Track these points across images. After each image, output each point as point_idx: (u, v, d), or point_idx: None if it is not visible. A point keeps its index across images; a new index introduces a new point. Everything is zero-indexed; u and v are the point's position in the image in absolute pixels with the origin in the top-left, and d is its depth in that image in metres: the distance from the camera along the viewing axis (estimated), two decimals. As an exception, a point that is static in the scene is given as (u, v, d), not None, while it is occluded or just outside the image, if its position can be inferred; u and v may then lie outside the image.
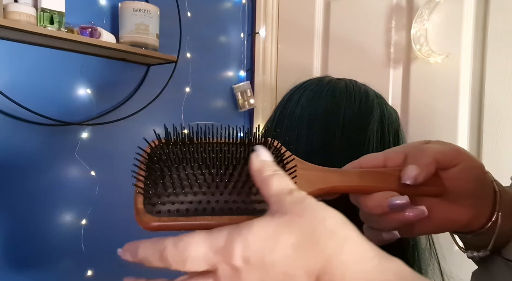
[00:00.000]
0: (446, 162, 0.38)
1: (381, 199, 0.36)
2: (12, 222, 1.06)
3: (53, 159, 1.13)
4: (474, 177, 0.38)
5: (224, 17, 1.60)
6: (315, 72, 1.48)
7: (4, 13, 0.95)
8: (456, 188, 0.38)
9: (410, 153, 0.39)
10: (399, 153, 0.39)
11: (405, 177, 0.36)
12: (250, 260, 0.26)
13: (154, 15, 1.22)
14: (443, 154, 0.38)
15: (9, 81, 1.04)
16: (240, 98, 1.61)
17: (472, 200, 0.38)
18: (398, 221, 0.36)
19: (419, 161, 0.37)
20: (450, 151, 0.38)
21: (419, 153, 0.38)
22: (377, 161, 0.39)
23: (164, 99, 1.37)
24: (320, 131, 0.50)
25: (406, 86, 1.27)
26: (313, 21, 1.50)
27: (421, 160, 0.37)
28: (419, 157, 0.38)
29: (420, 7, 1.20)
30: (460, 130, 1.16)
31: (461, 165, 0.38)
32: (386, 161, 0.39)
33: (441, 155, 0.38)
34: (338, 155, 0.48)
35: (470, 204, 0.38)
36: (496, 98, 1.10)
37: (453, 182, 0.38)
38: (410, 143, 0.42)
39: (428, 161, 0.37)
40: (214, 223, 0.30)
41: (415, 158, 0.38)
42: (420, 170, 0.36)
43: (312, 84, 0.55)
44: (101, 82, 1.22)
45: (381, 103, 0.53)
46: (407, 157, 0.39)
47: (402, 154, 0.39)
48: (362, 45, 1.36)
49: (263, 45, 1.64)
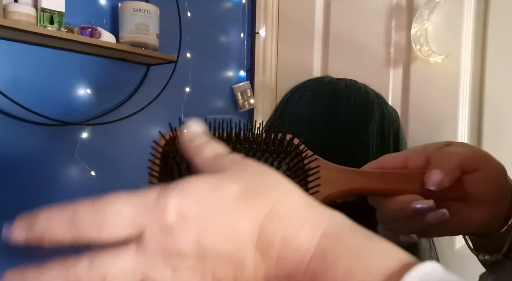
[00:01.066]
0: (469, 166, 0.37)
1: (404, 202, 0.35)
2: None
3: (53, 159, 1.13)
4: (495, 181, 0.38)
5: (224, 17, 1.60)
6: (315, 72, 1.48)
7: (4, 13, 0.95)
8: (477, 192, 0.37)
9: (434, 155, 0.38)
10: (421, 154, 0.38)
11: (430, 182, 0.35)
12: (186, 215, 0.23)
13: (154, 15, 1.22)
14: (467, 157, 0.37)
15: (9, 81, 1.04)
16: (240, 98, 1.61)
17: (491, 203, 0.37)
18: (419, 225, 0.36)
19: (443, 165, 0.36)
20: (474, 154, 0.38)
21: (443, 156, 0.37)
22: (398, 162, 0.38)
23: (164, 99, 1.37)
24: (320, 131, 0.50)
25: (406, 86, 1.27)
26: (313, 21, 1.49)
27: (445, 164, 0.36)
28: (443, 160, 0.37)
29: (420, 7, 1.20)
30: (460, 130, 1.16)
31: (484, 170, 0.37)
32: (406, 162, 0.38)
33: (465, 159, 0.37)
34: (338, 155, 0.48)
35: (489, 207, 0.37)
36: (496, 98, 1.10)
37: (474, 186, 0.37)
38: (431, 144, 0.41)
39: (453, 166, 0.36)
40: None
41: (439, 161, 0.37)
42: (444, 175, 0.35)
43: (312, 84, 0.55)
44: (101, 82, 1.22)
45: (381, 103, 0.53)
46: (430, 159, 0.37)
47: (424, 155, 0.38)
48: (362, 45, 1.36)
49: (263, 45, 1.64)
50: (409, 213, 0.35)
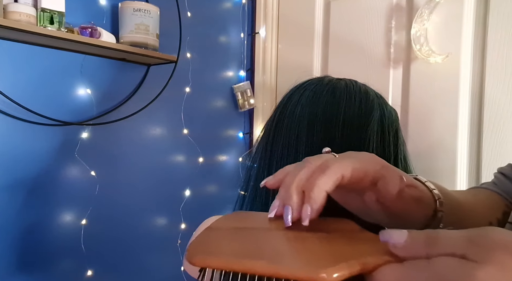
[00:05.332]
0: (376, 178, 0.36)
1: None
2: (12, 222, 1.05)
3: (53, 159, 1.13)
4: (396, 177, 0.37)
5: (224, 17, 1.60)
6: (315, 72, 1.48)
7: (4, 13, 0.95)
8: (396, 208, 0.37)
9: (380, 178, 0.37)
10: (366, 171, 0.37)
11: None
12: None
13: (154, 15, 1.22)
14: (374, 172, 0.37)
15: (9, 81, 1.04)
16: (240, 98, 1.61)
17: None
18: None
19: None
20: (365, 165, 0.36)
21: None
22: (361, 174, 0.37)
23: (164, 99, 1.37)
24: (320, 131, 0.50)
25: (406, 86, 1.27)
26: (313, 21, 1.50)
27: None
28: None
29: (420, 7, 1.20)
30: (460, 130, 1.16)
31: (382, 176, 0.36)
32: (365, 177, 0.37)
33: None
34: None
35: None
36: (496, 98, 1.10)
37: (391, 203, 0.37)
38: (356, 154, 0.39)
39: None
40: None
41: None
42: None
43: (312, 84, 0.55)
44: (101, 82, 1.22)
45: (381, 103, 0.53)
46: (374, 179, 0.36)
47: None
48: (362, 45, 1.36)
49: (263, 45, 1.64)
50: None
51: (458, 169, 1.16)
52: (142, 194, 1.33)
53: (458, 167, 1.16)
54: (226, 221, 0.37)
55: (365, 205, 0.37)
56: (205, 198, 1.52)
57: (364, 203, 0.38)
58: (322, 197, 0.32)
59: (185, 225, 1.44)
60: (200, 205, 1.49)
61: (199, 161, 1.50)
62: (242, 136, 1.67)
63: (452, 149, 1.17)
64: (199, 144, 1.49)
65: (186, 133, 1.45)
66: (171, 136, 1.42)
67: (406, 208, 0.37)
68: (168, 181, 1.41)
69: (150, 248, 1.36)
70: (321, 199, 0.32)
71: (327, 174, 0.33)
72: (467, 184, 1.16)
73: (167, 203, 1.40)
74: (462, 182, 1.16)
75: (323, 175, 0.33)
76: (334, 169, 0.33)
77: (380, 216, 0.37)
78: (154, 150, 1.37)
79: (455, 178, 1.16)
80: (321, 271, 0.24)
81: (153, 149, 1.36)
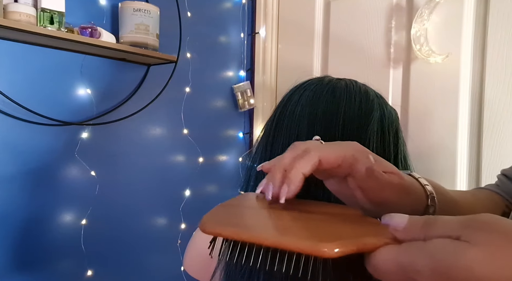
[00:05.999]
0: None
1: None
2: (12, 222, 1.06)
3: (53, 159, 1.13)
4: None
5: (224, 17, 1.60)
6: (315, 72, 1.48)
7: (4, 13, 0.95)
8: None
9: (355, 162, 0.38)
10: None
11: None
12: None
13: (154, 15, 1.22)
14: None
15: (9, 81, 1.04)
16: (240, 98, 1.61)
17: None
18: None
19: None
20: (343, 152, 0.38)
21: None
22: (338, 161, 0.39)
23: (164, 99, 1.37)
24: (320, 131, 0.50)
25: (406, 86, 1.27)
26: (313, 21, 1.50)
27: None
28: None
29: (420, 7, 1.20)
30: (460, 130, 1.16)
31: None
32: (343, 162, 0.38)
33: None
34: None
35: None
36: (496, 98, 1.10)
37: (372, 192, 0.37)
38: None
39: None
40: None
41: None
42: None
43: (312, 84, 0.55)
44: (101, 82, 1.22)
45: (381, 103, 0.53)
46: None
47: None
48: (362, 45, 1.36)
49: (263, 45, 1.64)
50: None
51: (458, 169, 1.16)
52: (142, 194, 1.33)
53: (458, 167, 1.16)
54: (237, 200, 0.40)
55: (353, 194, 0.38)
56: (205, 198, 1.52)
57: (351, 191, 0.38)
58: (299, 178, 0.35)
59: (185, 225, 1.44)
60: (200, 205, 1.49)
61: (199, 161, 1.50)
62: (242, 136, 1.67)
63: (452, 149, 1.17)
64: (199, 143, 1.49)
65: (186, 133, 1.45)
66: (171, 136, 1.42)
67: (390, 197, 0.37)
68: (168, 181, 1.41)
69: (150, 248, 1.36)
70: (298, 180, 0.35)
71: (306, 158, 0.36)
72: (467, 183, 1.16)
73: (167, 203, 1.40)
74: (462, 182, 1.16)
75: (302, 159, 0.36)
76: (313, 154, 0.36)
77: (366, 205, 0.38)
78: (154, 149, 1.37)
79: (455, 178, 1.16)
80: (323, 245, 0.27)
81: (153, 148, 1.37)
